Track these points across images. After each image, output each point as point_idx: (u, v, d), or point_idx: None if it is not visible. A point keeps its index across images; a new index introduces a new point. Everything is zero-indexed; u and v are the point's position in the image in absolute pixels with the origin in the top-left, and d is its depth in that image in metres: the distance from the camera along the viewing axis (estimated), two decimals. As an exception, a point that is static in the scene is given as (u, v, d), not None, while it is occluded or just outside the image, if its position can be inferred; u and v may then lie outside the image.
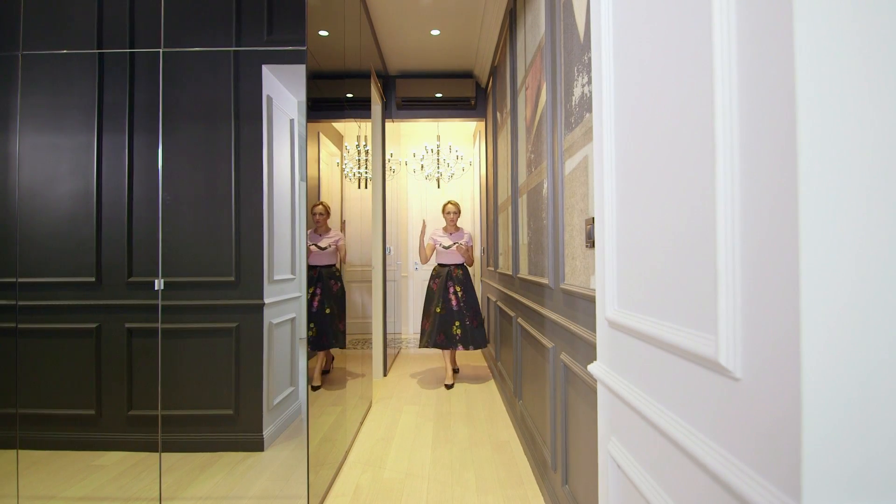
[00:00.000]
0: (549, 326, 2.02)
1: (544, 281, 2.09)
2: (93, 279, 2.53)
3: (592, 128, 1.37)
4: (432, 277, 4.11)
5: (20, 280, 2.49)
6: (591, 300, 1.46)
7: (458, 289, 3.98)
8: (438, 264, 4.10)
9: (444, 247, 4.07)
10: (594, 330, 1.42)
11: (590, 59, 1.46)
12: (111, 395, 2.53)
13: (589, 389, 1.49)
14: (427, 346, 3.95)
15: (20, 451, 2.33)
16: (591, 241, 1.46)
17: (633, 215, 0.90)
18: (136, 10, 2.55)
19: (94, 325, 2.53)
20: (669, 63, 0.73)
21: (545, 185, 2.08)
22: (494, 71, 4.00)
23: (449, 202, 4.11)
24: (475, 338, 3.95)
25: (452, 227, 4.09)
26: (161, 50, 2.37)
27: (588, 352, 1.49)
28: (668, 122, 0.74)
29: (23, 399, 2.48)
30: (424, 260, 4.07)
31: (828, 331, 0.46)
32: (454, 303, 3.96)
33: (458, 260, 4.07)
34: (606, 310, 1.00)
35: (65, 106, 2.56)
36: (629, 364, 0.92)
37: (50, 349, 2.53)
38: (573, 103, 1.67)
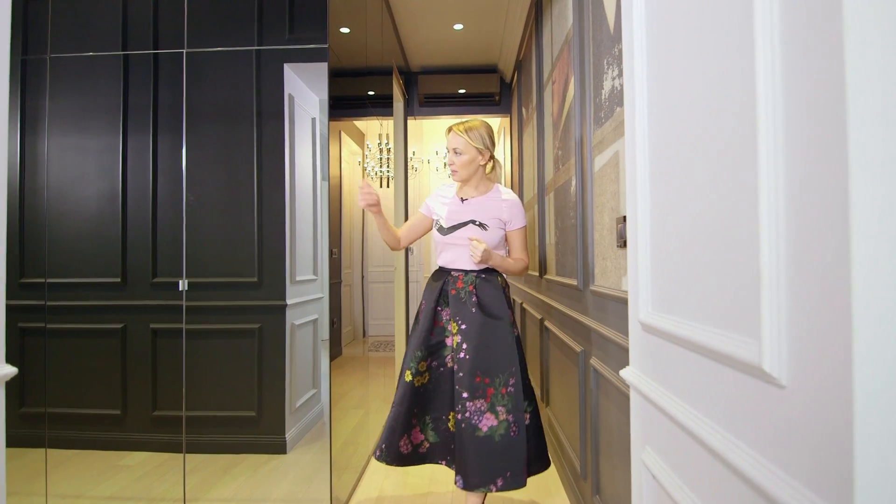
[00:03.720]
0: (578, 330, 2.00)
1: (573, 282, 2.07)
2: (118, 280, 2.61)
3: (623, 122, 1.34)
4: (424, 294, 1.93)
5: (49, 280, 2.59)
6: (622, 302, 1.44)
7: (454, 327, 1.79)
8: (439, 267, 1.92)
9: (441, 230, 1.88)
10: (626, 333, 1.39)
11: (620, 50, 1.43)
12: (136, 395, 2.61)
13: (621, 395, 1.46)
14: (381, 460, 1.82)
15: (49, 450, 2.42)
16: (622, 241, 1.43)
17: (668, 212, 0.88)
18: (160, 11, 2.63)
19: (119, 326, 2.62)
20: (706, 50, 0.72)
21: (573, 183, 2.06)
22: (519, 65, 3.97)
23: (461, 123, 1.90)
24: (488, 465, 1.69)
25: (475, 186, 1.90)
26: (185, 50, 2.43)
27: (620, 356, 1.47)
28: (705, 112, 0.73)
29: (51, 398, 2.57)
30: (394, 244, 1.95)
31: (882, 333, 0.44)
32: (448, 357, 1.82)
33: (471, 263, 1.83)
34: (640, 312, 0.98)
35: (91, 108, 2.65)
36: (664, 369, 0.90)
37: (77, 349, 2.63)
38: (603, 97, 1.65)
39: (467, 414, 1.73)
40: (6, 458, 1.08)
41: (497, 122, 5.98)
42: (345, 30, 2.89)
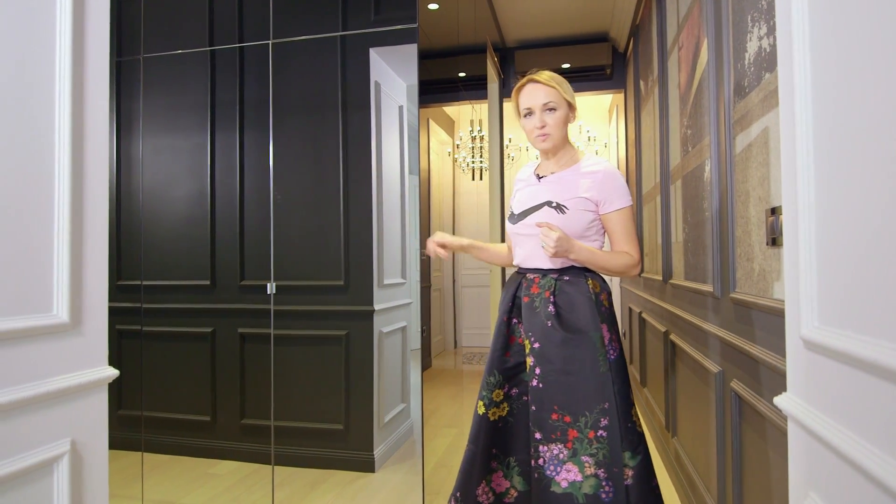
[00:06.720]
0: (714, 346, 1.90)
1: (707, 288, 1.97)
2: (207, 282, 2.88)
3: (776, 91, 1.25)
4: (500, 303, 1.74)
5: (143, 283, 2.92)
6: (774, 313, 1.34)
7: (528, 345, 1.56)
8: (517, 268, 1.71)
9: (511, 217, 1.67)
10: (780, 352, 1.30)
11: (770, 2, 1.33)
12: (225, 401, 2.86)
13: (773, 428, 1.36)
14: None
15: (144, 454, 2.72)
16: (774, 238, 1.33)
17: (842, 201, 0.80)
18: (245, 4, 2.86)
19: (209, 330, 2.88)
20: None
21: (707, 168, 1.96)
22: (636, 30, 3.82)
23: (541, 72, 1.59)
24: None
25: (558, 157, 1.63)
26: (270, 41, 2.62)
27: (771, 380, 1.37)
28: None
29: (146, 402, 2.90)
30: (508, 261, 1.84)
31: None
32: (533, 384, 1.54)
33: (546, 261, 1.58)
34: (802, 326, 0.91)
35: (181, 106, 2.95)
36: (835, 398, 0.82)
37: (170, 352, 2.94)
38: (746, 62, 1.55)
39: (541, 461, 1.50)
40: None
41: (608, 100, 5.81)
42: (433, 6, 2.96)
